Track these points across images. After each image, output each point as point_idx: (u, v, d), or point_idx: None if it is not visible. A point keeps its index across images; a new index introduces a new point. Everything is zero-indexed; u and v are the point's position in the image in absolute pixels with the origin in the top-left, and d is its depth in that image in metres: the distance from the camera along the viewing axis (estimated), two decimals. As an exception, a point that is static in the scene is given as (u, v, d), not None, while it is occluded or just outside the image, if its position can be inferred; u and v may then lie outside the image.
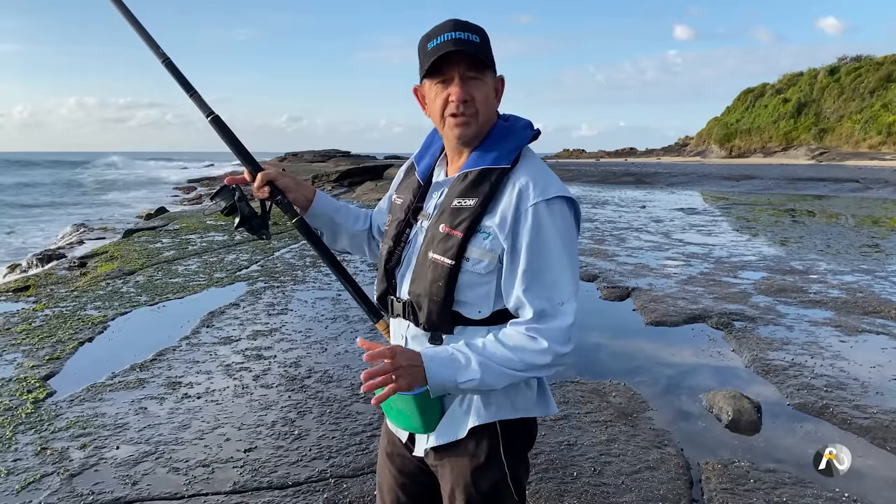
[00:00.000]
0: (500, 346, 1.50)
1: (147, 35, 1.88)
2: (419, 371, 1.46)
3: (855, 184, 28.25)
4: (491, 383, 1.50)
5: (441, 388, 1.51)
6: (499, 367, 1.49)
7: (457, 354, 1.50)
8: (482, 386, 1.50)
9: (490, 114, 1.60)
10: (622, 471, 3.48)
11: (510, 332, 1.53)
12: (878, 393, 4.56)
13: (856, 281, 8.26)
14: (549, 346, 1.49)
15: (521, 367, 1.50)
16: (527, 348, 1.50)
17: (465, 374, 1.48)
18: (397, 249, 1.69)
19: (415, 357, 1.47)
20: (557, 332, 1.50)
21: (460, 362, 1.49)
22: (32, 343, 5.45)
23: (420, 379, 1.47)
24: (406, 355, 1.47)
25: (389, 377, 1.43)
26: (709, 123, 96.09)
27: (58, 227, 19.20)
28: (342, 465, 3.50)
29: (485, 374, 1.48)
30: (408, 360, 1.46)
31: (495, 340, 1.52)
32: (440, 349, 1.53)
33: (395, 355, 1.44)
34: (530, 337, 1.50)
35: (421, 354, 1.49)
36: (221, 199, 1.81)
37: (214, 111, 1.83)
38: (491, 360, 1.49)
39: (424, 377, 1.47)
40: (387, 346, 1.49)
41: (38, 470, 3.41)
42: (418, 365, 1.47)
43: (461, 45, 1.50)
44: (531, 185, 1.52)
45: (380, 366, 1.43)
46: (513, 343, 1.51)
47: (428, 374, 1.47)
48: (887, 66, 70.66)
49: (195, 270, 8.57)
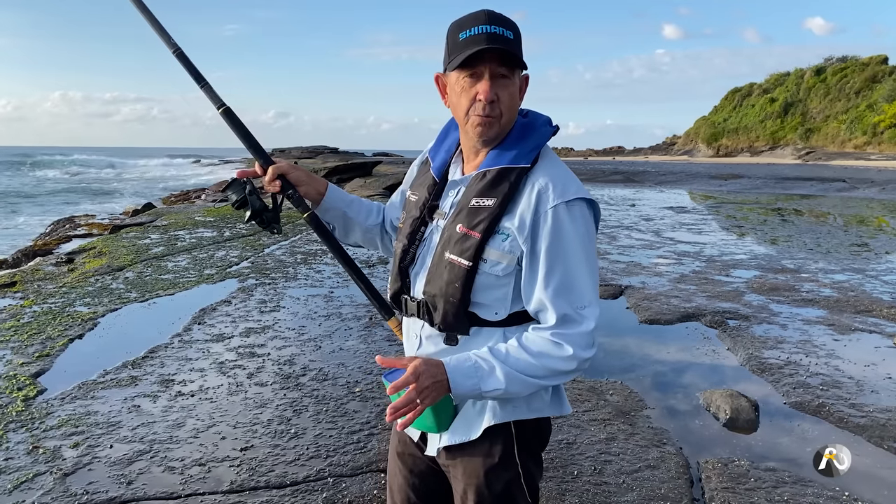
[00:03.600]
0: (523, 353, 1.47)
1: (160, 26, 1.84)
2: (443, 385, 1.43)
3: (841, 183, 28.46)
4: (515, 392, 1.47)
5: (465, 398, 1.49)
6: (523, 375, 1.46)
7: (480, 363, 1.46)
8: (506, 395, 1.47)
9: (514, 114, 1.56)
10: (622, 469, 3.46)
11: (533, 337, 1.49)
12: (873, 391, 4.58)
13: (847, 280, 8.31)
14: (573, 352, 1.46)
15: (544, 373, 1.47)
16: (551, 355, 1.47)
17: (489, 382, 1.45)
18: (412, 248, 1.65)
19: (437, 371, 1.44)
20: (581, 337, 1.47)
21: (484, 370, 1.45)
22: (21, 340, 5.37)
23: (444, 390, 1.44)
24: (428, 373, 1.42)
25: (415, 403, 1.40)
26: (696, 123, 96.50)
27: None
28: (340, 463, 3.46)
29: (509, 383, 1.45)
30: (431, 378, 1.42)
31: (518, 347, 1.48)
32: (462, 357, 1.48)
33: (417, 377, 1.40)
34: (555, 343, 1.47)
35: (444, 365, 1.45)
36: (232, 193, 1.77)
37: (226, 103, 1.79)
38: (515, 368, 1.46)
39: (448, 388, 1.44)
40: (407, 360, 1.45)
41: (31, 469, 3.34)
42: (441, 379, 1.43)
43: (496, 42, 1.45)
44: (550, 186, 1.48)
45: (404, 395, 1.40)
46: (537, 349, 1.47)
47: (452, 385, 1.44)
48: (872, 67, 71.27)
49: (185, 267, 8.48)
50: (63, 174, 53.59)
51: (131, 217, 16.51)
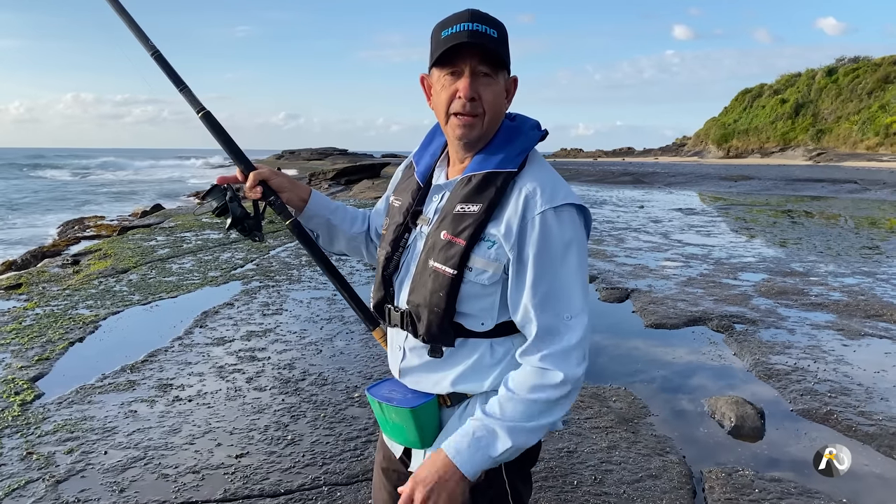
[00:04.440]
0: (516, 401, 1.41)
1: (137, 27, 1.79)
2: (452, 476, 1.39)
3: (853, 185, 28.21)
4: (526, 441, 1.42)
5: (481, 470, 1.42)
6: (526, 423, 1.40)
7: (479, 432, 1.40)
8: (521, 450, 1.42)
9: (497, 116, 1.50)
10: (623, 479, 3.39)
11: (519, 377, 1.43)
12: (883, 399, 4.48)
13: (857, 283, 8.19)
14: (564, 374, 1.40)
15: (544, 408, 1.41)
16: (543, 385, 1.40)
17: (497, 446, 1.39)
18: (395, 255, 1.60)
19: (441, 468, 1.39)
20: (567, 354, 1.41)
21: (486, 438, 1.40)
22: (22, 343, 5.35)
23: (457, 479, 1.39)
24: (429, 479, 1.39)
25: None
26: (706, 124, 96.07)
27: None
28: (336, 471, 3.41)
29: (515, 437, 1.39)
30: (435, 479, 1.38)
31: (509, 394, 1.42)
32: (459, 434, 1.42)
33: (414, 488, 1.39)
34: (542, 370, 1.41)
35: (444, 451, 1.40)
36: (213, 199, 1.71)
37: (206, 107, 1.74)
38: (514, 419, 1.40)
39: (461, 476, 1.39)
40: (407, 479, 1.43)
41: (23, 476, 3.31)
42: (447, 476, 1.38)
43: (476, 38, 1.40)
44: (538, 191, 1.42)
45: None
46: (527, 388, 1.41)
47: (462, 469, 1.39)
48: (885, 68, 70.67)
49: (189, 269, 8.47)
50: (74, 176, 53.67)
51: (140, 218, 16.56)
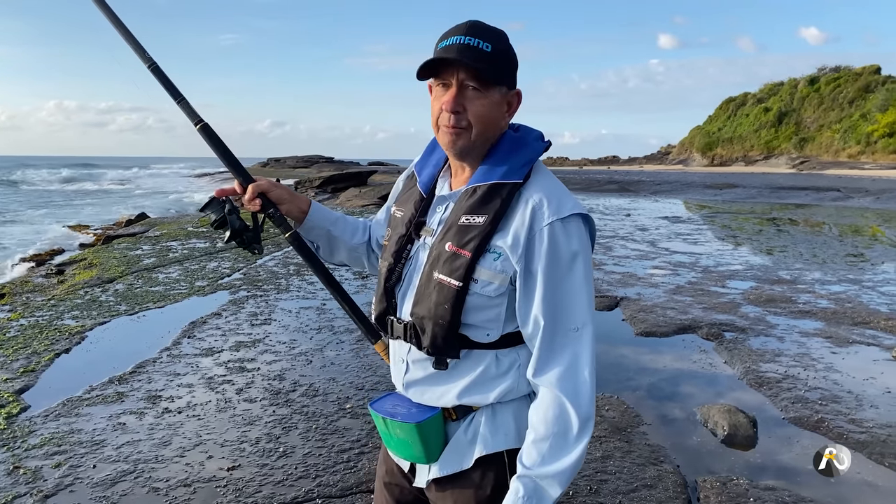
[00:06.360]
0: (545, 443, 1.39)
1: (133, 39, 1.76)
2: None
3: (836, 192, 28.51)
4: (570, 475, 1.40)
5: None
6: (561, 460, 1.38)
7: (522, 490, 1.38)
8: (570, 481, 1.41)
9: (487, 129, 1.47)
10: (619, 489, 3.38)
11: (541, 411, 1.41)
12: (873, 406, 4.51)
13: (843, 291, 8.25)
14: (581, 397, 1.39)
15: (572, 430, 1.39)
16: (563, 409, 1.39)
17: (546, 497, 1.38)
18: (398, 266, 1.58)
19: None
20: (580, 371, 1.40)
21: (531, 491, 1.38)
22: (6, 355, 5.27)
23: None
24: None
25: None
26: (691, 132, 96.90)
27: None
28: (329, 483, 3.37)
29: (560, 477, 1.38)
30: None
31: (536, 440, 1.40)
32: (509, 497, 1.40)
33: None
34: (559, 399, 1.39)
35: None
36: (211, 212, 1.69)
37: (203, 119, 1.71)
38: (551, 463, 1.38)
39: None
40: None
41: (10, 491, 3.24)
42: None
43: (464, 54, 1.39)
44: (545, 202, 1.41)
45: None
46: (549, 421, 1.39)
47: None
48: (865, 77, 71.73)
49: (176, 278, 8.39)
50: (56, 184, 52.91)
51: (124, 227, 16.40)
